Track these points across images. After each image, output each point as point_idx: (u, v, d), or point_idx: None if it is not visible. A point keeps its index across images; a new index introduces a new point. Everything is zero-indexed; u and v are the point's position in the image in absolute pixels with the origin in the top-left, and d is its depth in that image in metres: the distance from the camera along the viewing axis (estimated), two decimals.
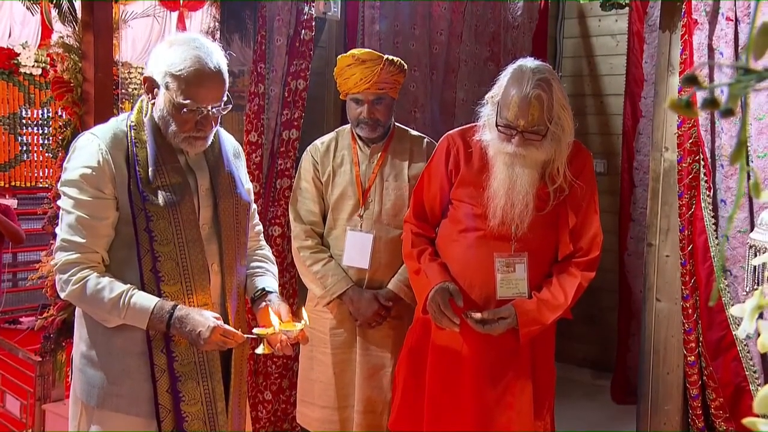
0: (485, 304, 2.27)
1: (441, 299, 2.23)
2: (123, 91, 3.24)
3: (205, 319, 1.73)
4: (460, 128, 2.42)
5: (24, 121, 4.03)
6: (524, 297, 2.26)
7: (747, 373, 2.52)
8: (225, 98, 1.83)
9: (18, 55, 4.10)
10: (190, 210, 1.82)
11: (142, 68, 3.42)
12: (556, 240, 2.31)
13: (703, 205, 2.51)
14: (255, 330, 1.84)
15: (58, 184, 1.86)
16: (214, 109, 1.80)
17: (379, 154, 2.66)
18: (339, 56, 2.62)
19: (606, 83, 4.74)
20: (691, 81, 0.50)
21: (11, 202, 4.67)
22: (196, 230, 1.83)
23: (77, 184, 1.77)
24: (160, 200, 1.78)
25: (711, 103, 0.52)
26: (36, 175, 4.83)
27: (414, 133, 2.77)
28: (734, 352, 2.53)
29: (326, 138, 2.75)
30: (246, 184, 2.06)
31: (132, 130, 1.82)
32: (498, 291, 2.26)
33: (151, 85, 1.81)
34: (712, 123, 2.50)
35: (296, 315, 1.94)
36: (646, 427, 2.78)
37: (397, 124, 2.75)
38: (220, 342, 1.74)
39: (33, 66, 3.94)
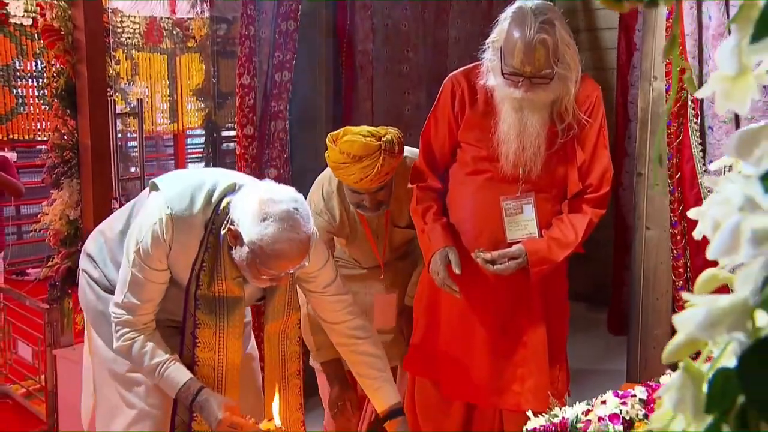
0: (495, 247, 2.25)
1: (441, 268, 2.24)
2: (114, 39, 3.23)
3: (217, 410, 1.86)
4: (462, 69, 2.35)
5: (18, 73, 4.01)
6: (535, 237, 2.24)
7: None
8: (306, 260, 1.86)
9: (7, 5, 4.06)
10: (238, 322, 1.96)
11: (134, 17, 3.41)
12: (565, 178, 2.28)
13: (690, 132, 2.54)
14: (261, 425, 1.92)
15: (131, 247, 1.90)
16: (291, 271, 1.86)
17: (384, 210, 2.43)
18: (329, 147, 2.27)
19: (600, 17, 4.70)
20: None
21: (10, 155, 4.70)
22: (239, 341, 1.98)
23: (146, 256, 1.87)
24: (209, 311, 1.92)
25: None
26: (34, 127, 4.83)
27: None
28: None
29: (332, 212, 2.43)
30: (318, 273, 2.08)
31: (210, 235, 1.88)
32: (507, 233, 2.25)
33: (235, 237, 1.82)
34: (700, 51, 2.51)
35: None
36: (636, 352, 2.87)
37: None
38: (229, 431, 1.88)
39: (23, 16, 3.91)
